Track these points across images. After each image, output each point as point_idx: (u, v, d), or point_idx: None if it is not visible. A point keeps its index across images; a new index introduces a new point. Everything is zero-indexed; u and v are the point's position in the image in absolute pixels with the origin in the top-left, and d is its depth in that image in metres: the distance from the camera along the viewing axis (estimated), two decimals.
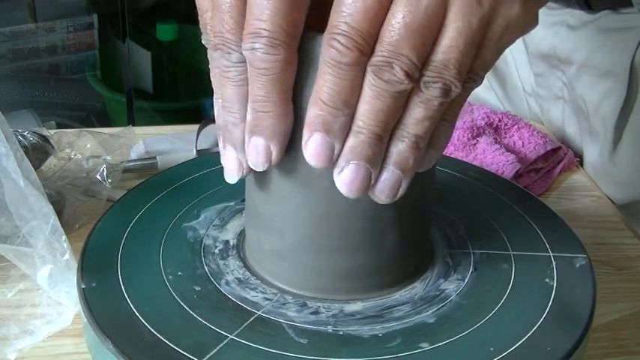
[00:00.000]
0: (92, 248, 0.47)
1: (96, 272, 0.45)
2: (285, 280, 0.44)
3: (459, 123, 0.73)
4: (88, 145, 0.65)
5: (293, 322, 0.42)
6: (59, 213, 0.53)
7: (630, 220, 0.66)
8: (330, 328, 0.41)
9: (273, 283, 0.45)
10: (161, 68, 1.86)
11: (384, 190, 0.37)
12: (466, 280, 0.46)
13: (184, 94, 1.89)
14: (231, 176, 0.40)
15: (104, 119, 1.85)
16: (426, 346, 0.40)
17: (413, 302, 0.44)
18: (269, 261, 0.45)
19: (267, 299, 0.43)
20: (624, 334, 0.51)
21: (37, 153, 0.61)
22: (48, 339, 0.46)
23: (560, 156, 0.73)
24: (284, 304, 0.43)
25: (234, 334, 0.40)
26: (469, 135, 0.71)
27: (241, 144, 0.38)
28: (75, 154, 0.64)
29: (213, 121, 0.40)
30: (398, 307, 0.43)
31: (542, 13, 0.75)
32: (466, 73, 0.35)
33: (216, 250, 0.47)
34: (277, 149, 0.37)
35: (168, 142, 0.71)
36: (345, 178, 0.36)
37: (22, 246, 0.47)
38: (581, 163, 0.75)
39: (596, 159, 0.73)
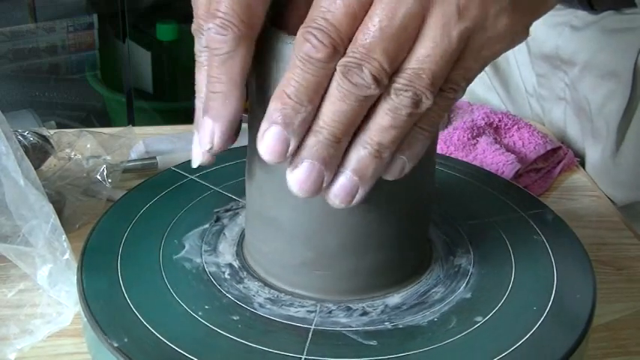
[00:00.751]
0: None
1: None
2: (318, 289, 0.44)
3: (458, 123, 0.73)
4: (88, 145, 0.65)
5: (351, 327, 0.42)
6: (59, 213, 0.53)
7: (631, 220, 0.66)
8: (388, 325, 0.42)
9: (306, 295, 0.44)
10: (161, 68, 1.86)
11: (338, 194, 0.37)
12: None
13: (184, 94, 1.89)
14: (194, 160, 0.40)
15: (104, 119, 1.85)
16: (480, 319, 0.42)
17: (442, 283, 0.45)
18: (297, 273, 0.44)
19: (310, 312, 0.43)
20: (624, 334, 0.51)
21: (37, 153, 0.61)
22: (48, 339, 0.46)
23: (560, 156, 0.73)
24: (330, 312, 0.43)
25: (305, 353, 0.39)
26: (469, 135, 0.71)
27: None
28: (75, 154, 0.64)
29: None
30: (433, 290, 0.45)
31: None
32: (444, 83, 0.35)
33: (227, 276, 0.45)
34: (220, 131, 0.37)
35: (169, 142, 0.71)
36: (298, 177, 0.36)
37: (22, 245, 0.47)
38: (582, 164, 0.75)
39: (598, 160, 0.73)
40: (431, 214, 0.48)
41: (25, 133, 0.61)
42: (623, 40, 0.69)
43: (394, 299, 0.44)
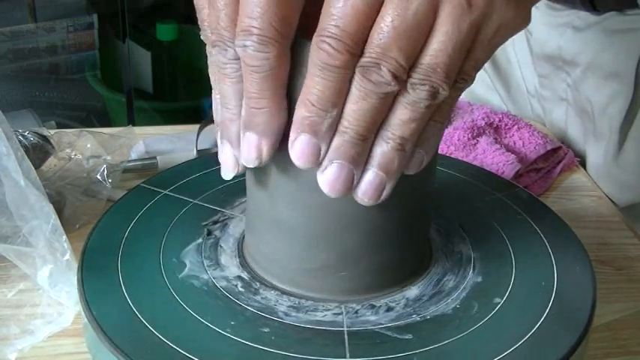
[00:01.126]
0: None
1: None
2: (339, 291, 0.44)
3: (459, 123, 0.73)
4: (88, 145, 0.65)
5: (381, 324, 0.42)
6: (59, 213, 0.53)
7: (634, 221, 0.66)
8: (416, 317, 0.42)
9: (328, 297, 0.44)
10: (161, 68, 1.86)
11: (366, 191, 0.37)
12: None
13: (184, 94, 1.89)
14: (227, 172, 0.40)
15: (104, 119, 1.85)
16: (499, 300, 0.44)
17: (451, 271, 0.46)
18: (317, 277, 0.44)
19: (337, 314, 0.43)
20: (624, 334, 0.51)
21: (38, 153, 0.61)
22: (48, 339, 0.46)
23: (560, 156, 0.73)
24: (356, 312, 0.43)
25: (348, 355, 0.39)
26: (469, 135, 0.71)
27: (237, 140, 0.39)
28: (75, 154, 0.64)
29: (213, 121, 0.41)
30: (445, 278, 0.46)
31: (548, 14, 0.76)
32: (457, 75, 0.35)
33: (240, 289, 0.45)
34: (268, 146, 0.38)
35: (169, 142, 0.71)
36: (328, 177, 0.37)
37: (22, 246, 0.47)
38: (582, 165, 0.75)
39: (599, 161, 0.73)
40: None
41: (26, 133, 0.61)
42: (626, 41, 0.69)
43: (412, 292, 0.45)
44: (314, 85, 0.35)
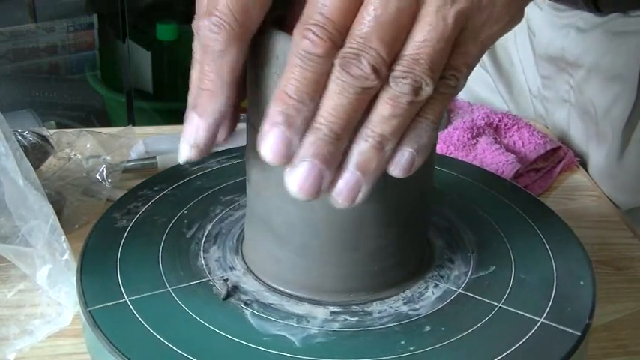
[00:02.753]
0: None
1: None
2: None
3: (458, 123, 0.73)
4: (88, 145, 0.65)
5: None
6: (59, 213, 0.53)
7: (636, 224, 0.66)
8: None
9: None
10: (161, 68, 1.86)
11: (342, 192, 0.36)
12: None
13: (184, 94, 1.87)
14: (181, 155, 0.39)
15: (104, 119, 1.85)
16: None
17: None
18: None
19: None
20: (624, 334, 0.51)
21: (37, 153, 0.61)
22: (47, 339, 0.46)
23: (560, 156, 0.73)
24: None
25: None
26: (469, 135, 0.71)
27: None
28: (75, 154, 0.64)
29: None
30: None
31: (551, 15, 0.75)
32: (445, 70, 0.34)
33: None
34: (204, 128, 0.37)
35: (169, 142, 0.71)
36: (297, 177, 0.35)
37: (21, 246, 0.47)
38: (583, 166, 0.75)
39: (602, 163, 0.73)
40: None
41: (25, 133, 0.61)
42: (630, 42, 0.69)
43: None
44: (292, 76, 0.34)
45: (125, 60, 1.76)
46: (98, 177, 0.62)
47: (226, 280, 0.44)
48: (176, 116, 1.80)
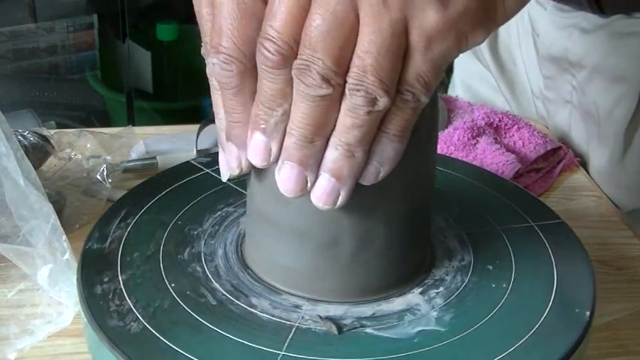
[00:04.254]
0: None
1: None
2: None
3: (459, 123, 0.73)
4: (88, 145, 0.65)
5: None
6: (59, 213, 0.53)
7: (638, 225, 0.65)
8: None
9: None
10: (161, 68, 1.86)
11: (320, 196, 0.37)
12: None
13: (184, 94, 1.89)
14: (223, 175, 0.41)
15: (104, 119, 1.85)
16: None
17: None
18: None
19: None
20: (624, 334, 0.51)
21: (37, 153, 0.61)
22: (48, 339, 0.46)
23: (560, 156, 0.73)
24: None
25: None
26: (469, 135, 0.71)
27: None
28: (75, 154, 0.65)
29: (213, 121, 0.41)
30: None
31: (555, 15, 0.75)
32: (400, 85, 0.35)
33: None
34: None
35: (169, 142, 0.71)
36: (281, 177, 0.37)
37: (22, 245, 0.47)
38: (583, 166, 0.75)
39: (604, 164, 0.73)
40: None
41: (25, 133, 0.61)
42: (633, 44, 0.69)
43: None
44: (261, 86, 0.36)
45: (125, 60, 1.76)
46: (98, 177, 0.62)
47: (324, 317, 0.42)
48: (176, 116, 1.81)
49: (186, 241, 0.48)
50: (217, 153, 0.41)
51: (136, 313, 0.41)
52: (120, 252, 0.47)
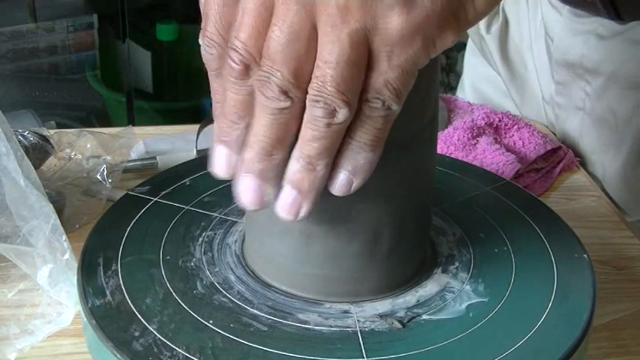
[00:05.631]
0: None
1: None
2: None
3: (458, 123, 0.73)
4: (88, 145, 0.65)
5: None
6: (59, 213, 0.53)
7: None
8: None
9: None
10: (161, 68, 1.86)
11: (282, 207, 0.37)
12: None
13: (184, 94, 1.89)
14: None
15: (104, 119, 1.85)
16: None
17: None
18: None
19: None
20: (624, 334, 0.51)
21: (37, 153, 0.61)
22: (48, 339, 0.46)
23: (560, 156, 0.73)
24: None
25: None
26: (469, 135, 0.71)
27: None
28: (75, 154, 0.65)
29: (213, 121, 0.41)
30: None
31: (571, 20, 0.74)
32: (366, 92, 0.34)
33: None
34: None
35: (169, 142, 0.71)
36: (240, 189, 0.37)
37: (22, 245, 0.47)
38: (583, 166, 0.75)
39: (617, 172, 0.72)
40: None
41: (25, 133, 0.61)
42: None
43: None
44: (226, 98, 0.36)
45: (125, 60, 1.76)
46: (98, 177, 0.62)
47: (383, 315, 0.43)
48: (176, 116, 1.81)
49: (189, 275, 0.45)
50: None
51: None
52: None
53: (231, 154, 0.37)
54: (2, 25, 1.72)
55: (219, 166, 0.38)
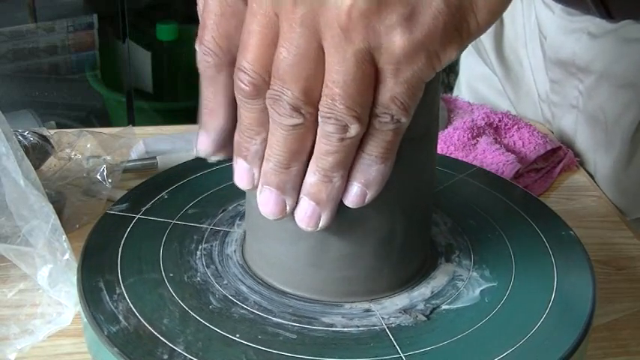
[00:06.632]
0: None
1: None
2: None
3: (458, 123, 0.73)
4: (88, 145, 0.65)
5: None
6: (59, 213, 0.53)
7: None
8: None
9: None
10: (161, 68, 1.86)
11: (302, 219, 0.38)
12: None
13: (184, 94, 1.89)
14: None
15: (104, 119, 1.85)
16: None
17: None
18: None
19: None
20: (624, 334, 0.51)
21: (37, 153, 0.61)
22: (48, 339, 0.46)
23: (560, 156, 0.73)
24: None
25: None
26: (469, 135, 0.71)
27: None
28: (75, 154, 0.65)
29: None
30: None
31: (563, 18, 0.75)
32: (376, 107, 0.35)
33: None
34: (207, 143, 0.40)
35: (169, 142, 0.71)
36: (260, 201, 0.38)
37: (22, 246, 0.47)
38: (582, 166, 0.75)
39: (609, 170, 0.72)
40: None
41: (25, 133, 0.61)
42: None
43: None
44: (240, 114, 0.37)
45: (125, 60, 1.76)
46: (98, 177, 0.62)
47: (406, 310, 0.43)
48: (176, 116, 1.81)
49: (199, 291, 0.44)
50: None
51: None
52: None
53: (251, 167, 0.38)
54: (2, 25, 1.72)
55: (241, 179, 0.39)
